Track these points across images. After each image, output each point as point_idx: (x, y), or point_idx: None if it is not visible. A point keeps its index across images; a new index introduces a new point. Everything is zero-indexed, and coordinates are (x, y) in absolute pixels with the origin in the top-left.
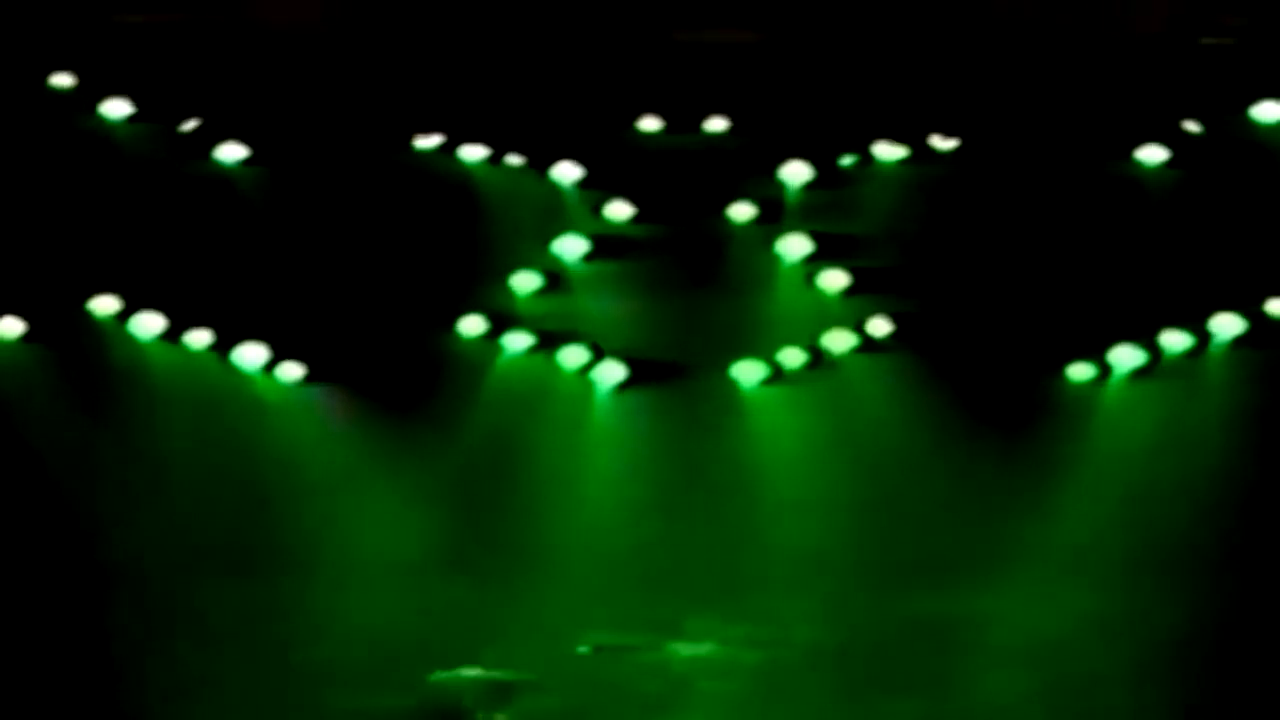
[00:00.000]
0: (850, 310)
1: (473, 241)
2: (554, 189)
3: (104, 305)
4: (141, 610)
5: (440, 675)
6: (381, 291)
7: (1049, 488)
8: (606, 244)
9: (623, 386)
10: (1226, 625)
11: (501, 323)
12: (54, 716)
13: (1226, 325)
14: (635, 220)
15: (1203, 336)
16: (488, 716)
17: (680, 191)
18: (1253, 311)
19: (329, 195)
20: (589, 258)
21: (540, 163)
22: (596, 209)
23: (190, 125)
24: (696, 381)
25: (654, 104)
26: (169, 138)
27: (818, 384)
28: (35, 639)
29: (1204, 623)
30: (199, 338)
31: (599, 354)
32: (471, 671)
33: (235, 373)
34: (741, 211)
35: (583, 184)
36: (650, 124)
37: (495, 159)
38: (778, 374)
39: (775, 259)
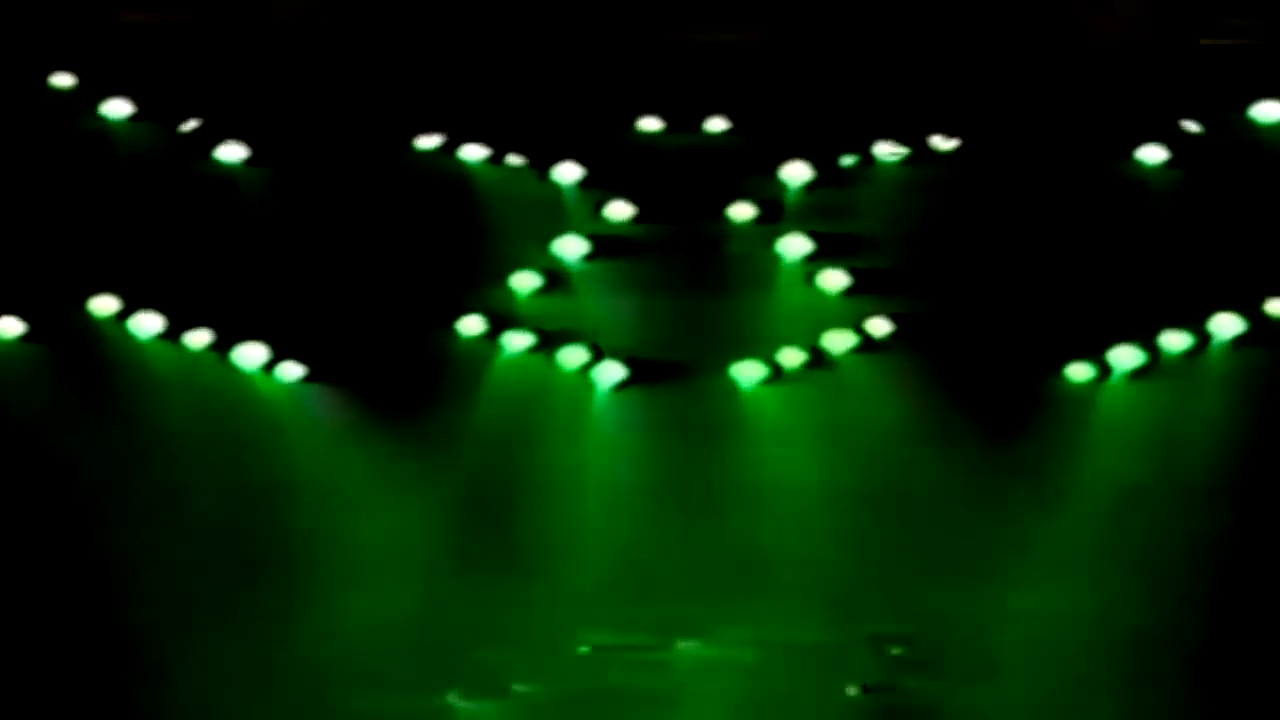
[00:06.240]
0: (850, 310)
1: (473, 241)
2: (554, 189)
3: (104, 305)
4: (142, 610)
5: None
6: (381, 291)
7: (1048, 488)
8: (606, 244)
9: (622, 386)
10: (1227, 625)
11: (501, 323)
12: (54, 716)
13: (1226, 325)
14: (635, 220)
15: (1203, 336)
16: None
17: (680, 191)
18: (1253, 311)
19: (329, 195)
20: (589, 258)
21: (540, 163)
22: (596, 209)
23: (191, 125)
24: (696, 381)
25: (654, 104)
26: (169, 138)
27: (818, 384)
28: (36, 639)
29: (1204, 622)
30: (199, 338)
31: (599, 354)
32: None
33: (235, 373)
34: (741, 211)
35: (583, 184)
36: (650, 124)
37: (495, 159)
38: (777, 374)
39: (775, 259)
